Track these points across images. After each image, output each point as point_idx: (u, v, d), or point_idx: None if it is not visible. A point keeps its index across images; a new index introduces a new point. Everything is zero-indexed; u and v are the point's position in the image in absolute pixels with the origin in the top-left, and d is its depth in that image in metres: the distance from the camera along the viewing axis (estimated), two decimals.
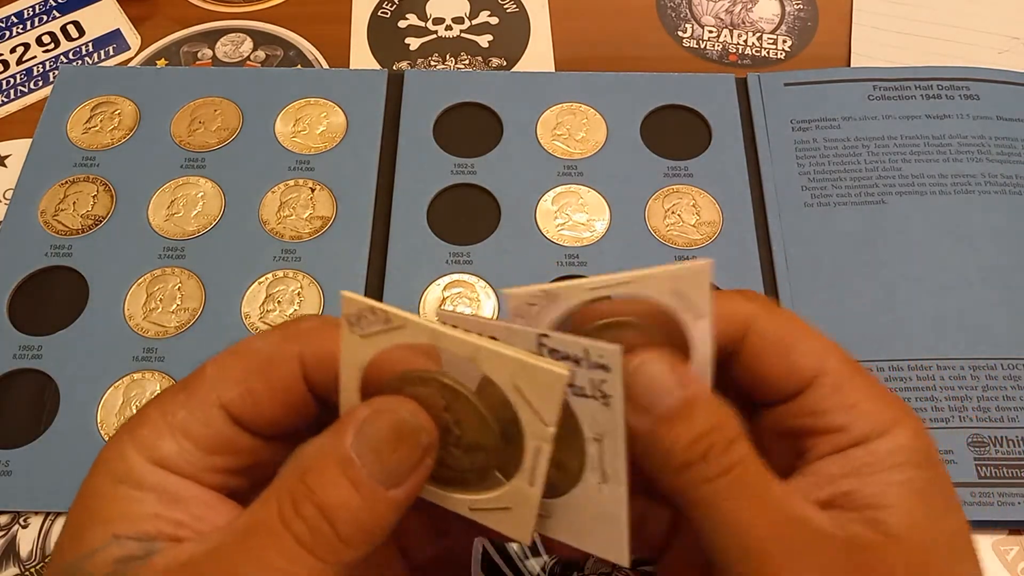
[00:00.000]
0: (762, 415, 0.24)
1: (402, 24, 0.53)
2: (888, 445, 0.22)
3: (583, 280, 0.22)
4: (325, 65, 0.51)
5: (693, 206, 0.45)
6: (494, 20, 0.53)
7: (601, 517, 0.21)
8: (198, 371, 0.23)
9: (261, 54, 0.52)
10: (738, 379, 0.24)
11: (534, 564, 0.37)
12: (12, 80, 0.51)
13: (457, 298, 0.42)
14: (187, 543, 0.20)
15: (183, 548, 0.20)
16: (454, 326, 0.21)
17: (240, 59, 0.51)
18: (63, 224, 0.44)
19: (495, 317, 0.41)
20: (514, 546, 0.37)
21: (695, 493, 0.21)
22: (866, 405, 0.22)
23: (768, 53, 0.51)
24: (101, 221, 0.44)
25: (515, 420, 0.21)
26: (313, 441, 0.21)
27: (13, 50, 0.52)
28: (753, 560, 0.20)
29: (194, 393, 0.22)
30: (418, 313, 0.41)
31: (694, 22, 0.53)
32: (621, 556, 0.21)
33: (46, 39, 0.52)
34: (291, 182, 0.45)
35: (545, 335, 0.20)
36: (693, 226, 0.44)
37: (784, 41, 0.52)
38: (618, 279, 0.22)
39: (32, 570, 0.37)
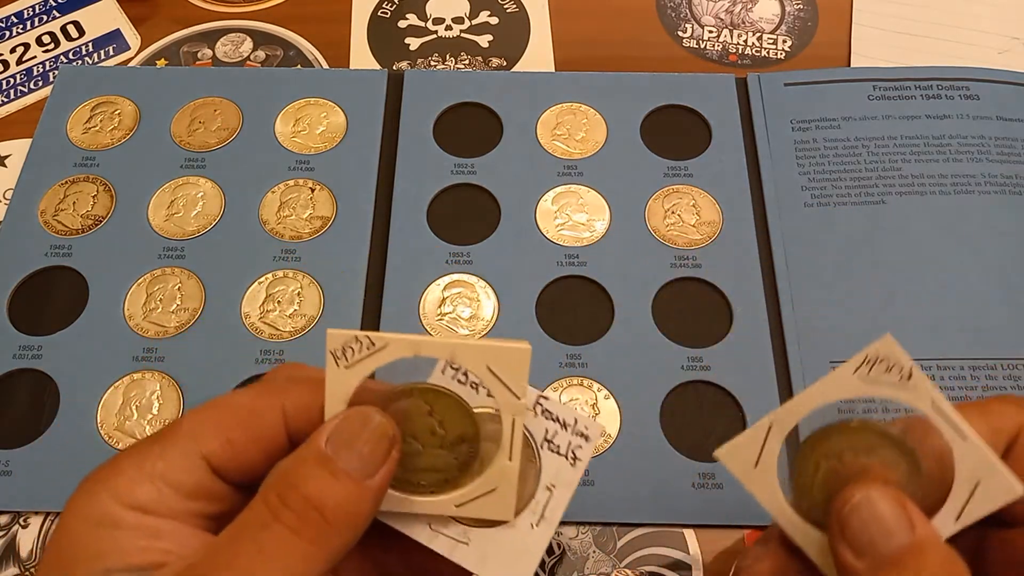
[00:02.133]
0: (997, 535, 0.23)
1: (402, 24, 0.53)
2: None
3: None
4: (325, 65, 0.51)
5: (693, 206, 0.45)
6: (494, 20, 0.53)
7: (521, 553, 0.24)
8: (173, 425, 0.23)
9: (261, 54, 0.52)
10: None
11: None
12: (12, 80, 0.51)
13: (457, 298, 0.42)
14: (180, 562, 0.21)
15: (178, 563, 0.21)
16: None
17: (240, 59, 0.51)
18: (63, 224, 0.44)
19: (495, 318, 0.41)
20: None
21: None
22: None
23: (768, 53, 0.51)
24: (101, 221, 0.44)
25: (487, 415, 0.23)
26: (290, 455, 0.22)
27: (13, 50, 0.52)
28: None
29: (172, 444, 0.23)
30: (418, 314, 0.41)
31: (694, 22, 0.53)
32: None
33: (46, 39, 0.52)
34: (291, 182, 0.45)
35: (544, 397, 0.24)
36: (693, 226, 0.44)
37: (784, 41, 0.52)
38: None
39: (32, 570, 0.37)
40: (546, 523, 0.24)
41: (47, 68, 0.51)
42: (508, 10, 0.53)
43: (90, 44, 0.52)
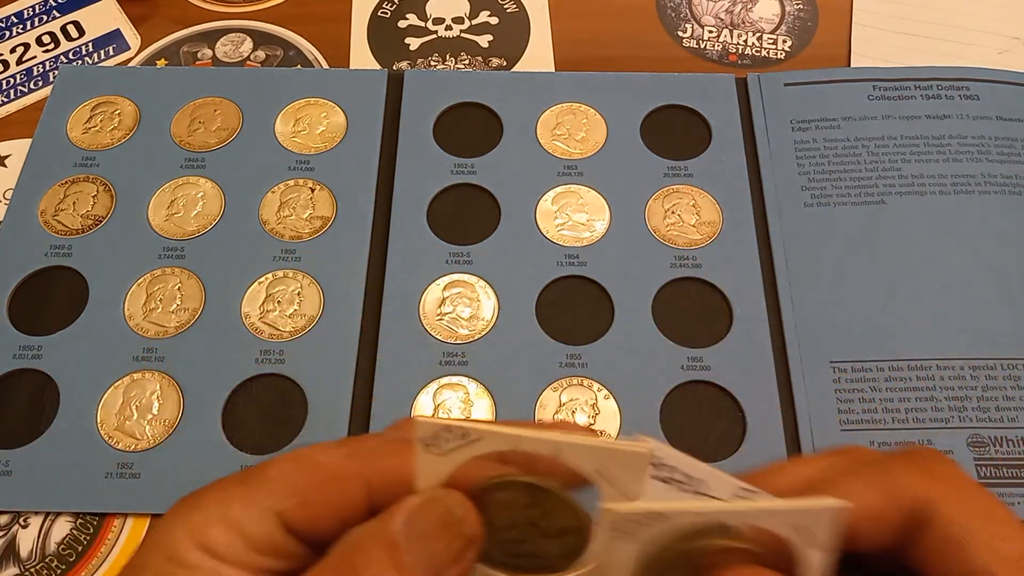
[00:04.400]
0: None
1: (402, 24, 0.53)
2: None
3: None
4: (325, 65, 0.51)
5: (693, 206, 0.45)
6: (494, 20, 0.53)
7: None
8: (261, 467, 0.23)
9: (261, 54, 0.52)
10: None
11: None
12: (12, 80, 0.51)
13: (457, 298, 0.42)
14: None
15: None
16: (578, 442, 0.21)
17: (240, 59, 0.51)
18: (63, 224, 0.44)
19: (494, 318, 0.41)
20: None
21: None
22: None
23: (768, 53, 0.51)
24: (101, 221, 0.44)
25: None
26: (363, 524, 0.21)
27: (13, 50, 0.52)
28: None
29: (252, 490, 0.22)
30: (418, 314, 0.41)
31: (694, 22, 0.53)
32: None
33: (46, 39, 0.52)
34: (291, 182, 0.45)
35: (750, 489, 0.20)
36: (693, 226, 0.44)
37: (784, 41, 0.52)
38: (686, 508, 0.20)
39: (32, 570, 0.37)
40: None
41: (47, 68, 0.51)
42: (508, 10, 0.53)
43: (90, 44, 0.52)
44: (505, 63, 0.51)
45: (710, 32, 0.52)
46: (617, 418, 0.39)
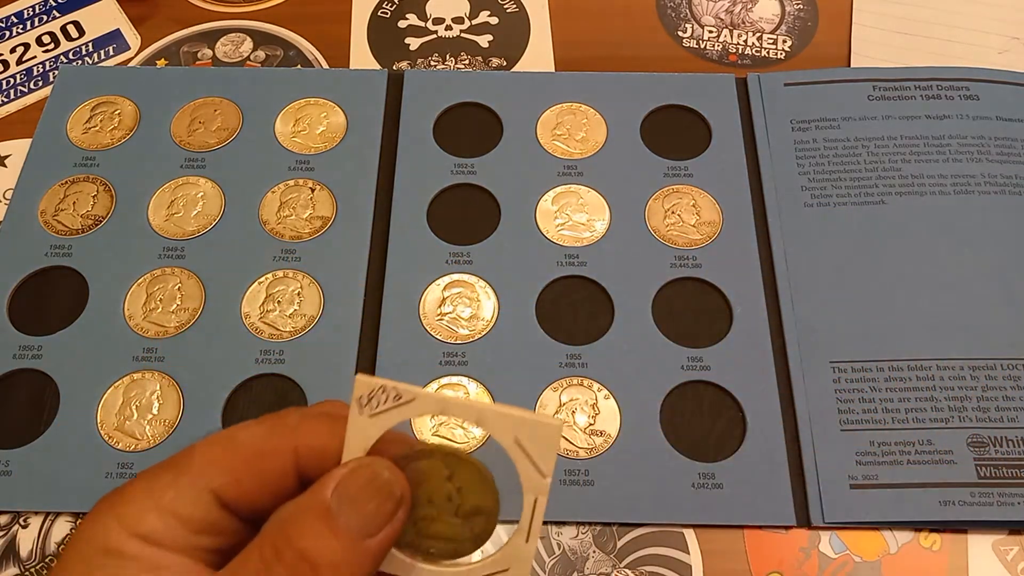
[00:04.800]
0: None
1: (402, 24, 0.53)
2: None
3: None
4: (325, 65, 0.51)
5: (693, 206, 0.45)
6: (494, 20, 0.53)
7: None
8: (185, 452, 0.23)
9: (261, 54, 0.52)
10: None
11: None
12: (12, 80, 0.51)
13: (457, 298, 0.42)
14: None
15: None
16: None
17: (240, 59, 0.51)
18: (63, 224, 0.44)
19: (494, 318, 0.41)
20: None
21: None
22: None
23: (768, 53, 0.51)
24: (101, 221, 0.44)
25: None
26: (294, 499, 0.22)
27: (13, 50, 0.52)
28: None
29: (182, 474, 0.22)
30: (418, 314, 0.41)
31: (694, 22, 0.53)
32: None
33: (46, 39, 0.52)
34: (291, 182, 0.45)
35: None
36: (693, 226, 0.44)
37: (784, 41, 0.52)
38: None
39: (32, 570, 0.37)
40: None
41: (47, 68, 0.51)
42: (508, 10, 0.53)
43: (90, 44, 0.52)
44: (505, 63, 0.51)
45: (710, 32, 0.52)
46: (617, 418, 0.39)
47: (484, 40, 0.52)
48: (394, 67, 0.51)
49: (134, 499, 0.22)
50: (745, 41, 0.52)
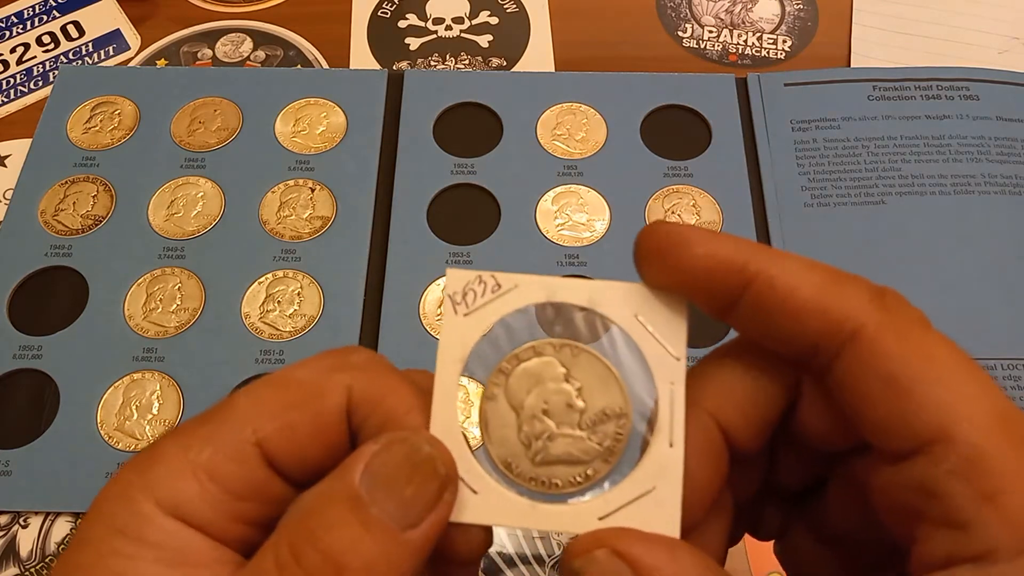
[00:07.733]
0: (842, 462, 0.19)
1: (402, 24, 0.53)
2: None
3: (541, 278, 0.19)
4: (325, 65, 0.51)
5: (693, 206, 0.45)
6: (494, 20, 0.53)
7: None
8: (226, 401, 0.19)
9: (261, 54, 0.52)
10: (811, 410, 0.19)
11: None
12: (12, 80, 0.51)
13: None
14: None
15: None
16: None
17: (240, 59, 0.51)
18: (63, 224, 0.44)
19: None
20: None
21: None
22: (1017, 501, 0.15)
23: (768, 53, 0.51)
24: (101, 221, 0.44)
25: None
26: (314, 486, 0.18)
27: (13, 50, 0.52)
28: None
29: (222, 426, 0.18)
30: (418, 314, 0.41)
31: (694, 22, 0.53)
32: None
33: (46, 39, 0.52)
34: (291, 182, 0.45)
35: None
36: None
37: (784, 41, 0.52)
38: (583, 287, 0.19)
39: (32, 570, 0.37)
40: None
41: (47, 68, 0.51)
42: (508, 10, 0.53)
43: (90, 44, 0.52)
44: (505, 63, 0.51)
45: (710, 32, 0.52)
46: None
47: (484, 40, 0.52)
48: (394, 67, 0.51)
49: (164, 458, 0.18)
50: (745, 41, 0.52)
